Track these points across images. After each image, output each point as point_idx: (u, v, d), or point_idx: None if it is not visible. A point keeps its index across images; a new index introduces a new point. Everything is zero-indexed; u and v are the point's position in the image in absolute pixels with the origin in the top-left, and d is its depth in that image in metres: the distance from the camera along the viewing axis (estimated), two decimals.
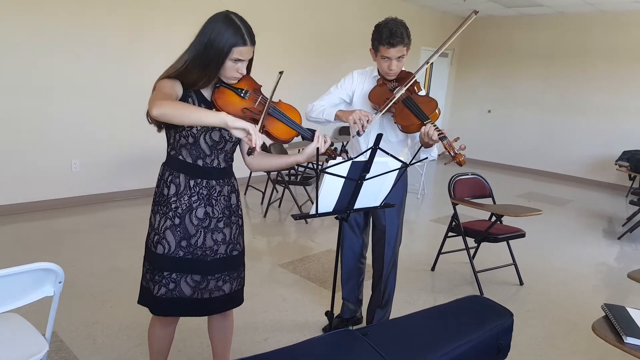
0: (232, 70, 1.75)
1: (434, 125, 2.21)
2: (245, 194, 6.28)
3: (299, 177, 5.90)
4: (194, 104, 1.79)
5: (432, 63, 2.57)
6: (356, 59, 7.56)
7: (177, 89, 1.75)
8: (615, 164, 7.68)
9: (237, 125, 1.53)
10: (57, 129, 4.99)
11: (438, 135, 2.17)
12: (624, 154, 7.68)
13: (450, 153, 2.11)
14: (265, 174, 5.82)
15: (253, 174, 6.40)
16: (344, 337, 1.37)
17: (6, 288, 1.53)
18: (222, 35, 1.68)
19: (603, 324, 1.98)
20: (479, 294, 3.67)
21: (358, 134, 2.38)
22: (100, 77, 5.19)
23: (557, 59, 8.90)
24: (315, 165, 1.99)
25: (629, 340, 1.84)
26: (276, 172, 5.58)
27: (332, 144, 1.95)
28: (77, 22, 4.92)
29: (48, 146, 4.96)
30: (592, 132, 8.65)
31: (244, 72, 1.79)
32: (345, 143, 7.41)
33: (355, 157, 1.84)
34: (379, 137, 1.82)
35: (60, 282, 1.66)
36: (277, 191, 6.06)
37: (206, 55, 1.71)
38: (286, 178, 5.61)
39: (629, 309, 2.05)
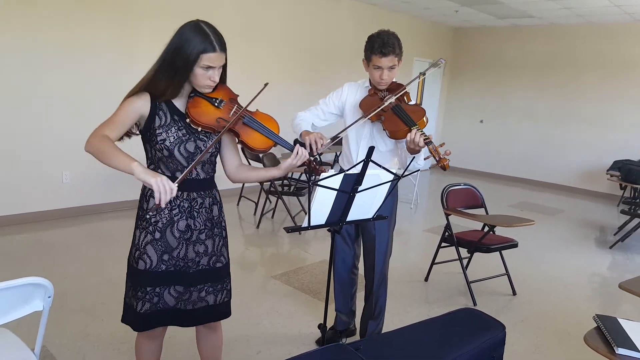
0: (203, 79, 1.72)
1: (421, 131, 2.23)
2: (238, 204, 6.27)
3: (292, 187, 5.90)
4: (165, 116, 1.77)
5: (423, 76, 2.59)
6: (348, 70, 7.61)
7: (141, 107, 1.74)
8: (607, 174, 7.75)
9: (143, 179, 1.55)
10: (48, 140, 4.97)
11: (424, 140, 2.19)
12: (615, 164, 7.75)
13: (435, 158, 2.15)
14: (259, 184, 5.82)
15: (246, 185, 6.39)
16: (336, 352, 1.36)
17: None
18: (190, 42, 1.66)
19: (595, 335, 1.99)
20: (472, 304, 3.67)
21: (310, 154, 2.33)
22: (90, 89, 5.18)
23: (548, 70, 8.99)
24: (307, 177, 1.97)
25: (621, 351, 1.84)
26: (269, 183, 5.57)
27: (315, 157, 1.92)
28: (68, 35, 4.92)
29: (38, 158, 4.93)
30: (583, 142, 8.72)
31: (216, 79, 1.76)
32: (338, 153, 7.43)
33: (348, 170, 1.84)
34: (370, 149, 1.83)
35: (49, 297, 1.64)
36: (270, 201, 6.04)
37: (174, 62, 1.69)
38: (279, 189, 5.61)
39: (620, 320, 2.06)
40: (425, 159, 2.32)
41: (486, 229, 3.86)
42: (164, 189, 1.52)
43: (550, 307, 3.74)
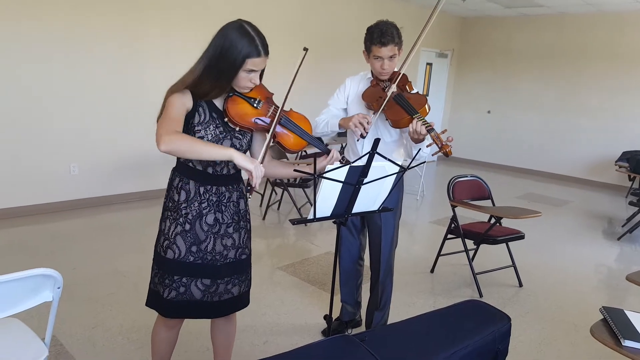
0: (245, 81, 1.74)
1: (422, 119, 2.24)
2: None
3: (298, 179, 5.90)
4: (204, 114, 1.78)
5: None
6: (354, 60, 7.57)
7: (187, 102, 1.75)
8: (615, 165, 7.69)
9: (242, 165, 1.61)
10: (56, 132, 5.00)
11: (426, 128, 2.21)
12: (623, 155, 7.68)
13: (437, 144, 2.16)
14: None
15: None
16: (341, 343, 1.37)
17: (5, 294, 1.54)
18: (236, 46, 1.66)
19: (601, 327, 1.99)
20: (478, 295, 3.68)
21: (362, 136, 2.41)
22: (98, 81, 5.19)
23: (557, 60, 8.90)
24: (313, 169, 2.00)
25: (627, 343, 1.84)
26: None
27: (343, 158, 1.98)
28: (76, 27, 4.93)
29: (46, 150, 4.97)
30: (591, 133, 8.65)
31: (257, 82, 1.78)
32: (344, 145, 7.42)
33: (353, 162, 1.84)
34: (376, 141, 1.83)
35: (59, 288, 1.66)
36: (276, 193, 6.06)
37: (219, 66, 1.69)
38: (285, 180, 5.62)
39: (627, 312, 2.06)
40: (427, 146, 2.33)
41: (493, 220, 3.85)
42: (260, 173, 1.63)
43: (557, 299, 3.74)
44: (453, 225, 3.91)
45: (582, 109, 8.72)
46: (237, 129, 1.82)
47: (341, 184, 1.83)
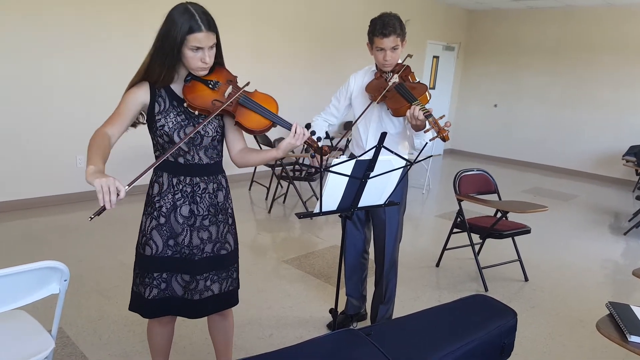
0: (194, 60, 1.70)
1: (421, 106, 2.25)
2: (249, 189, 6.29)
3: (304, 172, 5.90)
4: (164, 102, 1.78)
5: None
6: (359, 53, 7.53)
7: (141, 95, 1.76)
8: (622, 159, 7.63)
9: (89, 181, 1.55)
10: (62, 124, 5.01)
11: (424, 113, 2.21)
12: (631, 149, 7.63)
13: (435, 129, 2.17)
14: (270, 169, 5.83)
15: (257, 169, 6.41)
16: (347, 337, 1.37)
17: (13, 286, 1.54)
18: (176, 24, 1.64)
19: (607, 323, 1.98)
20: (483, 290, 3.67)
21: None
22: (104, 73, 5.19)
23: (564, 53, 8.83)
24: (319, 163, 1.96)
25: (633, 338, 1.83)
26: (281, 168, 5.58)
27: (312, 132, 1.83)
28: (80, 20, 4.93)
29: (52, 141, 4.98)
30: (599, 127, 8.59)
31: (208, 61, 1.71)
32: (349, 138, 7.40)
33: (360, 156, 1.84)
34: (383, 135, 1.82)
35: (65, 280, 1.67)
36: (281, 186, 6.06)
37: (163, 47, 1.68)
38: (291, 174, 5.62)
39: (633, 308, 2.04)
40: (425, 131, 2.33)
41: (499, 214, 3.83)
42: (107, 189, 1.51)
43: (563, 294, 3.73)
44: (459, 219, 3.90)
45: (589, 103, 8.66)
46: (197, 112, 1.77)
47: (347, 178, 1.82)
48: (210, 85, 1.78)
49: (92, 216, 1.50)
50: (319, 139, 1.94)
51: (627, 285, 4.01)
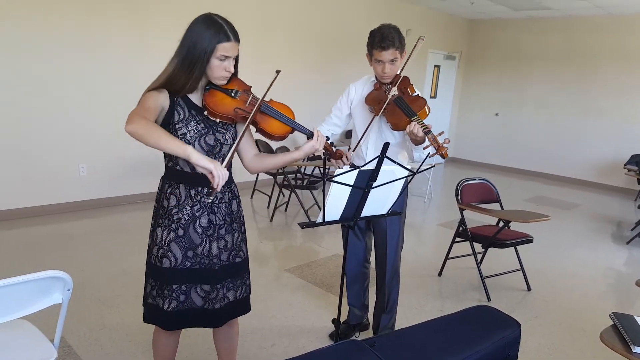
0: (219, 70, 1.74)
1: (420, 122, 2.25)
2: (251, 197, 6.29)
3: (306, 181, 5.91)
4: (183, 112, 1.78)
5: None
6: (362, 60, 7.57)
7: (163, 100, 1.75)
8: (624, 168, 7.63)
9: (200, 164, 1.57)
10: (64, 132, 5.03)
11: (423, 130, 2.22)
12: (632, 158, 7.62)
13: (434, 146, 2.18)
14: (272, 177, 5.83)
15: (259, 178, 6.41)
16: (350, 348, 1.37)
17: (16, 296, 1.54)
18: (205, 34, 1.68)
19: (611, 333, 1.97)
20: (486, 299, 3.66)
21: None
22: (107, 81, 5.22)
23: (565, 62, 8.86)
24: (322, 172, 2.02)
25: (637, 350, 1.83)
26: (283, 176, 5.59)
27: (327, 138, 1.94)
28: (85, 26, 4.96)
29: (55, 150, 5.00)
30: (600, 136, 8.59)
31: (232, 70, 1.77)
32: (349, 147, 7.41)
33: (363, 166, 1.84)
34: (386, 145, 1.83)
35: (69, 290, 1.67)
36: (283, 195, 6.07)
37: (191, 56, 1.70)
38: (292, 182, 5.62)
39: (637, 318, 2.04)
40: (424, 147, 2.34)
41: (501, 223, 3.83)
42: (222, 174, 1.59)
43: (566, 303, 3.71)
44: (461, 228, 3.89)
45: (590, 112, 8.67)
46: (218, 121, 1.80)
47: (350, 188, 1.82)
48: (231, 94, 1.81)
49: (211, 198, 1.76)
50: (332, 144, 2.05)
51: (630, 295, 3.99)
